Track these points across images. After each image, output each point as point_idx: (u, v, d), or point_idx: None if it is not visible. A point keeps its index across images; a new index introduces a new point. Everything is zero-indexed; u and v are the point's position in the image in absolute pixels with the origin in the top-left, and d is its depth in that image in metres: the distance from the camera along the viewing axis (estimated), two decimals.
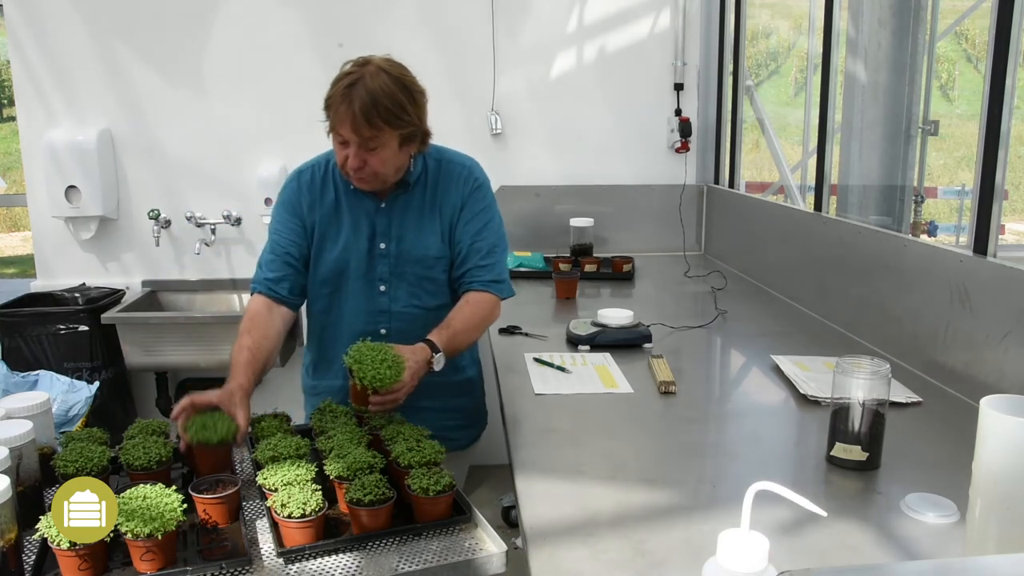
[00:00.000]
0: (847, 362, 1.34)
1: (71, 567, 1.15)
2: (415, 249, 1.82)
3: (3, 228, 9.89)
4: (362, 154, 1.67)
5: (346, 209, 1.83)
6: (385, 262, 1.82)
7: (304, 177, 1.87)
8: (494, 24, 3.35)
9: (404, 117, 1.67)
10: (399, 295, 1.83)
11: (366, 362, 1.51)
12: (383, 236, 1.82)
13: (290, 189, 1.87)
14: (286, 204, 1.86)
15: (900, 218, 3.00)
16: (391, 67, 1.70)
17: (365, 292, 1.83)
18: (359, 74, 1.65)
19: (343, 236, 1.82)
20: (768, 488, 0.80)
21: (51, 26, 3.23)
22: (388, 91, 1.64)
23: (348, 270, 1.83)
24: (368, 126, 1.63)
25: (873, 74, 2.93)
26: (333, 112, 1.66)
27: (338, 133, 1.68)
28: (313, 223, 1.83)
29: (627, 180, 3.50)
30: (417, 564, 1.21)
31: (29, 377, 2.27)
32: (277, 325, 1.79)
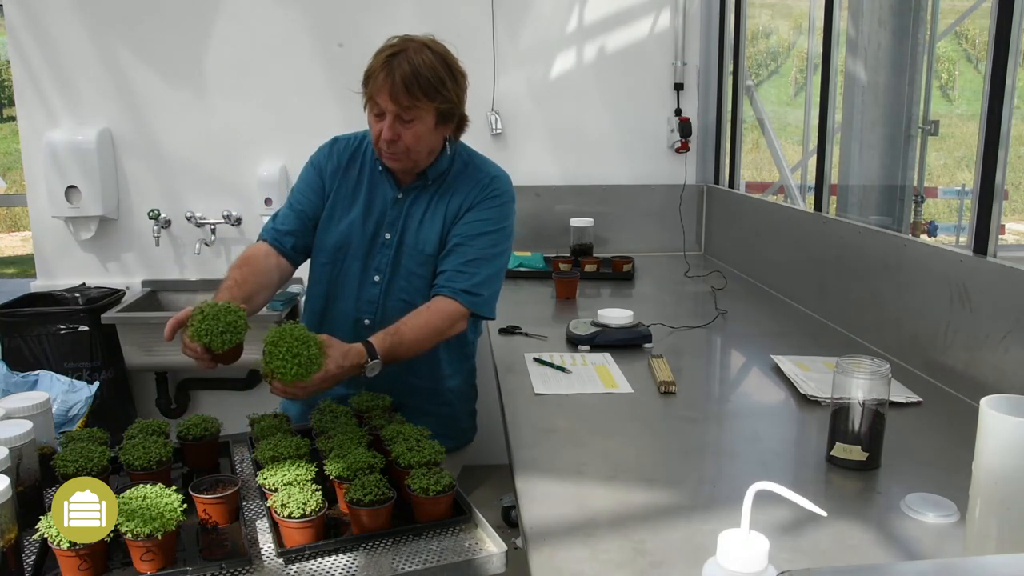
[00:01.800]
0: (847, 362, 1.34)
1: (71, 567, 1.14)
2: (414, 243, 1.80)
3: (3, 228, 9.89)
4: (397, 127, 1.67)
5: (365, 189, 1.83)
6: (386, 252, 1.81)
7: (339, 144, 1.88)
8: (494, 24, 3.35)
9: (443, 92, 1.66)
10: (392, 288, 1.81)
11: (281, 348, 1.43)
12: (390, 226, 1.81)
13: (322, 152, 1.89)
14: (314, 163, 1.87)
15: (900, 218, 3.00)
16: (435, 44, 1.70)
17: (360, 277, 1.82)
18: (402, 46, 1.66)
19: (353, 214, 1.82)
20: (768, 488, 0.80)
21: (51, 26, 3.23)
22: (430, 64, 1.64)
23: (349, 249, 1.82)
24: (407, 94, 1.62)
25: (873, 74, 2.93)
26: (372, 81, 1.65)
27: (375, 103, 1.67)
28: (331, 189, 1.84)
29: (627, 180, 3.50)
30: (417, 564, 1.21)
31: (29, 377, 2.27)
32: (271, 268, 1.78)
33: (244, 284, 1.68)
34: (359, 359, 1.56)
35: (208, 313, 1.46)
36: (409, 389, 1.80)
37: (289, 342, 1.44)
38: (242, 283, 1.68)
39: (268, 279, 1.76)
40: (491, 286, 1.79)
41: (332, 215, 1.83)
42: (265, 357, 1.45)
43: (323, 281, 1.85)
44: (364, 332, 1.75)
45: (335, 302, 1.84)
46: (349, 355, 1.54)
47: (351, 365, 1.54)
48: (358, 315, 1.82)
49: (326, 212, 1.84)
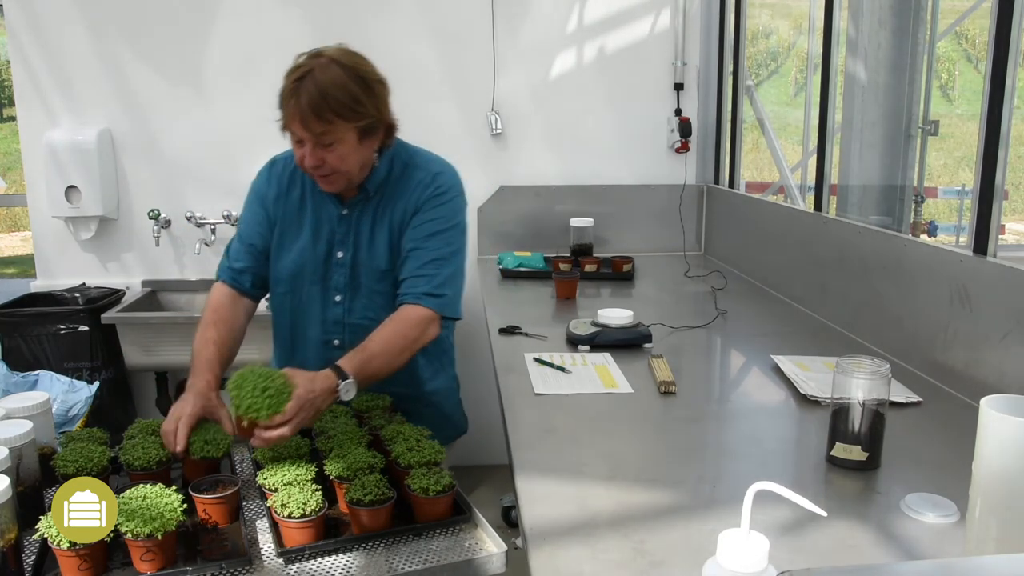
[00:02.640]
0: (847, 362, 1.34)
1: (71, 567, 1.15)
2: (367, 260, 1.75)
3: (3, 228, 9.89)
4: (318, 152, 1.60)
5: (310, 210, 1.77)
6: (342, 271, 1.76)
7: (276, 168, 1.83)
8: (494, 24, 3.34)
9: (358, 109, 1.58)
10: (355, 307, 1.77)
11: (246, 388, 1.36)
12: (341, 244, 1.75)
13: (261, 178, 1.83)
14: (255, 192, 1.82)
15: (900, 218, 3.00)
16: (344, 57, 1.60)
17: (321, 300, 1.78)
18: (309, 67, 1.57)
19: (302, 238, 1.76)
20: (768, 488, 0.80)
21: (51, 26, 3.23)
22: (339, 82, 1.55)
23: (304, 274, 1.77)
24: (319, 121, 1.54)
25: (873, 74, 2.93)
26: (284, 108, 1.59)
27: (291, 131, 1.61)
28: (276, 216, 1.78)
29: (627, 180, 3.50)
30: (417, 564, 1.21)
31: (29, 377, 2.27)
32: (242, 318, 1.76)
33: (223, 348, 1.64)
34: (329, 382, 1.47)
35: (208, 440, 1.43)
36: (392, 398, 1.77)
37: (253, 380, 1.37)
38: (222, 348, 1.64)
39: (241, 333, 1.74)
40: (453, 285, 1.73)
41: (282, 243, 1.78)
42: (234, 402, 1.38)
43: (285, 310, 1.82)
44: (336, 353, 1.69)
45: (301, 329, 1.81)
46: (317, 379, 1.46)
47: (322, 389, 1.45)
48: (326, 337, 1.79)
49: (275, 241, 1.78)
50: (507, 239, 3.42)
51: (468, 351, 3.50)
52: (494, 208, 3.42)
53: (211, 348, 1.61)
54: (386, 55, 3.31)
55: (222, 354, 1.63)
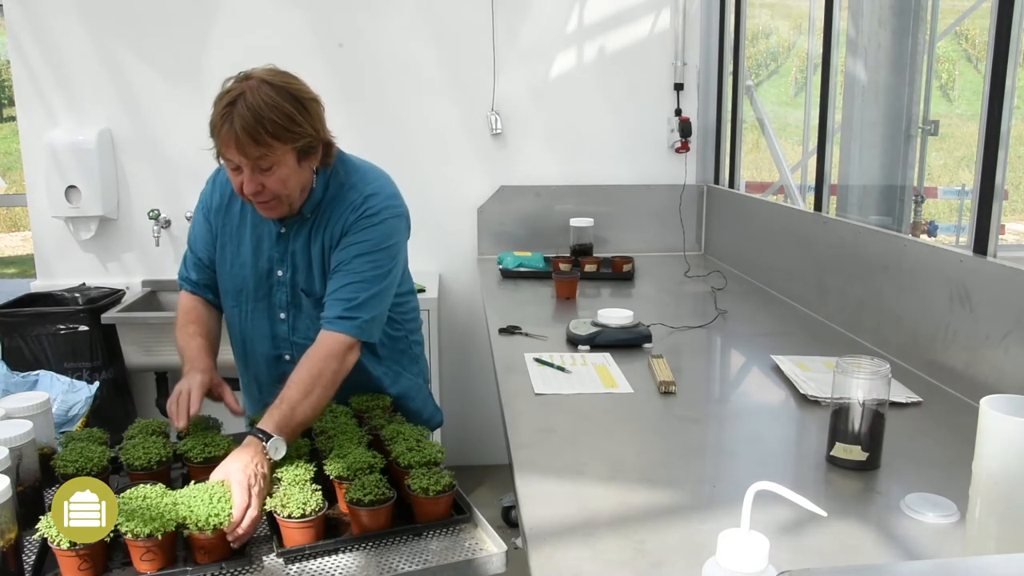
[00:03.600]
0: (847, 362, 1.34)
1: (71, 567, 1.15)
2: (305, 284, 1.71)
3: (3, 228, 9.88)
4: (257, 177, 1.52)
5: (249, 226, 1.72)
6: (283, 290, 1.73)
7: (220, 176, 1.76)
8: (494, 24, 3.34)
9: (295, 129, 1.51)
10: (299, 326, 1.74)
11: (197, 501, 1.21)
12: (280, 263, 1.71)
13: (207, 188, 1.80)
14: (201, 201, 1.80)
15: (900, 218, 2.99)
16: (275, 77, 1.54)
17: (267, 316, 1.76)
18: (239, 90, 1.51)
19: (243, 253, 1.73)
20: (768, 488, 0.80)
21: (51, 26, 3.23)
22: (272, 103, 1.49)
23: (247, 290, 1.74)
24: (255, 144, 1.47)
25: (873, 74, 2.93)
26: (217, 136, 1.51)
27: (226, 158, 1.53)
28: (218, 227, 1.75)
29: (627, 180, 3.50)
30: (417, 564, 1.21)
31: (29, 377, 2.27)
32: (214, 319, 1.79)
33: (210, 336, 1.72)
34: (255, 448, 1.35)
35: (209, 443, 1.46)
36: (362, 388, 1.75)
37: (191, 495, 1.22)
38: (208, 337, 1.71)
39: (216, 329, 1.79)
40: (372, 308, 1.62)
41: (224, 256, 1.75)
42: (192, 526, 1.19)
43: (235, 323, 1.80)
44: (287, 367, 1.68)
45: (251, 343, 1.79)
46: (243, 453, 1.34)
47: (252, 458, 1.33)
48: (276, 352, 1.77)
49: (218, 253, 1.76)
50: (507, 239, 3.42)
51: (468, 351, 3.52)
52: (494, 208, 3.42)
53: (198, 339, 1.65)
54: (386, 55, 3.35)
55: (210, 343, 1.67)
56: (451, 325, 3.50)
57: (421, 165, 3.37)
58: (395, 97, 3.35)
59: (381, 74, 3.33)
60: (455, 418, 3.46)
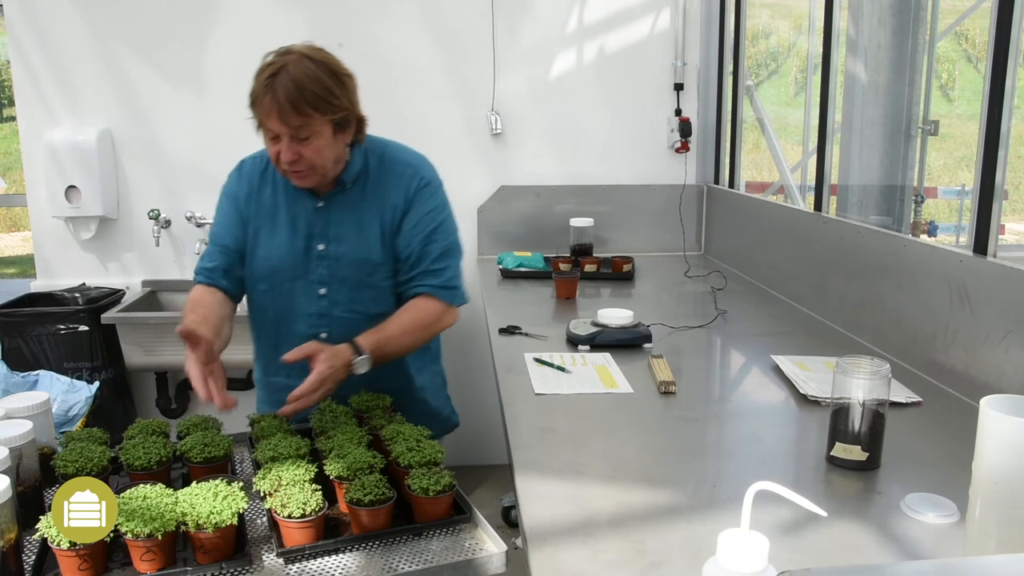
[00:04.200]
0: (847, 362, 1.34)
1: (71, 567, 1.15)
2: (355, 252, 1.76)
3: (3, 228, 9.88)
4: (294, 146, 1.62)
5: (283, 206, 1.78)
6: (323, 264, 1.77)
7: (245, 167, 1.86)
8: (494, 24, 3.34)
9: (333, 101, 1.61)
10: (339, 299, 1.78)
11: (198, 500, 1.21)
12: (320, 237, 1.77)
13: (232, 179, 1.86)
14: (226, 193, 1.85)
15: (900, 218, 3.00)
16: (314, 53, 1.64)
17: (305, 294, 1.78)
18: (281, 63, 1.59)
19: (279, 234, 1.78)
20: (768, 488, 0.80)
21: (51, 26, 3.23)
22: (313, 76, 1.59)
23: (284, 270, 1.78)
24: (296, 114, 1.57)
25: (873, 74, 2.93)
26: (258, 106, 1.60)
27: (267, 128, 1.62)
28: (249, 215, 1.80)
29: (627, 180, 3.50)
30: (417, 564, 1.21)
31: (29, 377, 2.27)
32: (221, 305, 1.76)
33: (209, 317, 1.68)
34: (346, 356, 1.58)
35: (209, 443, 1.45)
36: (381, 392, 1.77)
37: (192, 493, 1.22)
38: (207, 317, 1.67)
39: (224, 317, 1.75)
40: (459, 274, 1.84)
41: (258, 241, 1.80)
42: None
43: (268, 308, 1.82)
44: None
45: (287, 325, 1.80)
46: (337, 354, 1.58)
47: (342, 363, 1.57)
48: (312, 332, 1.79)
49: (250, 240, 1.80)
50: (507, 239, 3.42)
51: (468, 351, 3.51)
52: (494, 208, 3.42)
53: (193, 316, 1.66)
54: (386, 55, 3.35)
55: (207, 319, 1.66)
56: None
57: None
58: (395, 97, 3.35)
59: (381, 74, 3.32)
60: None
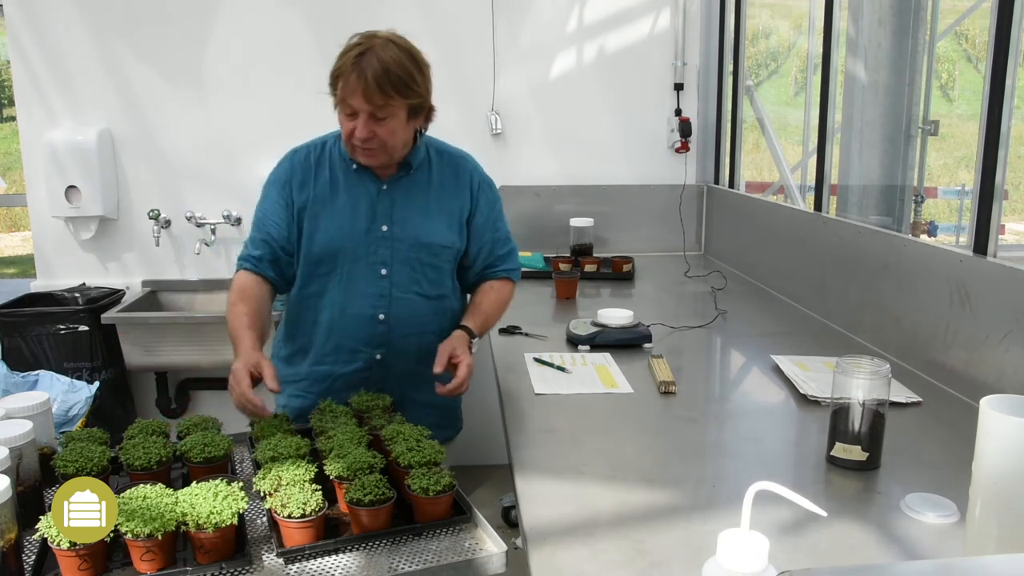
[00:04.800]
0: (847, 362, 1.34)
1: (71, 567, 1.15)
2: (422, 235, 1.81)
3: (3, 228, 9.88)
4: (371, 124, 1.67)
5: (344, 189, 1.82)
6: (386, 244, 1.81)
7: (299, 156, 1.86)
8: (494, 24, 3.35)
9: (414, 87, 1.68)
10: (401, 280, 1.82)
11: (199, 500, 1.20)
12: (384, 218, 1.81)
13: (282, 167, 1.86)
14: (275, 182, 1.85)
15: (900, 218, 2.99)
16: (399, 39, 1.72)
17: (365, 275, 1.81)
18: (368, 44, 1.67)
19: (339, 216, 1.80)
20: (768, 488, 0.80)
21: (51, 26, 3.23)
22: (398, 60, 1.65)
23: (344, 251, 1.81)
24: (380, 94, 1.63)
25: (873, 74, 2.93)
26: (343, 82, 1.66)
27: (348, 104, 1.67)
28: (304, 202, 1.81)
29: (627, 180, 3.50)
30: (417, 564, 1.21)
31: (29, 377, 2.27)
32: (267, 296, 1.80)
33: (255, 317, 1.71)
34: (468, 340, 1.77)
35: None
36: (422, 381, 1.79)
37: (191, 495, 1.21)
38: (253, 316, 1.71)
39: (269, 310, 1.81)
40: (518, 254, 2.04)
41: (316, 224, 1.81)
42: None
43: (327, 291, 1.83)
44: (380, 327, 1.82)
45: (349, 305, 1.82)
46: (464, 342, 1.75)
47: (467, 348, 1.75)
48: (373, 312, 1.82)
49: (308, 224, 1.81)
50: None
51: None
52: None
53: (244, 319, 1.68)
54: None
55: (255, 322, 1.69)
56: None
57: None
58: None
59: None
60: None
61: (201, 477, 1.34)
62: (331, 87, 1.70)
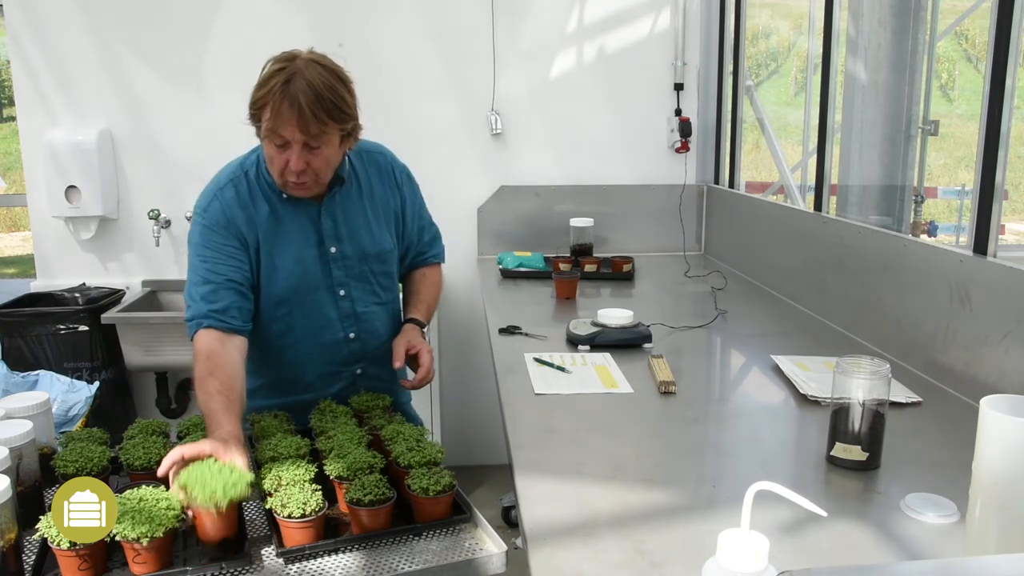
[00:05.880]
0: (847, 362, 1.34)
1: (71, 567, 1.15)
2: (371, 246, 1.78)
3: (3, 228, 9.88)
4: (304, 155, 1.57)
5: (286, 219, 1.71)
6: (339, 265, 1.75)
7: (227, 194, 1.70)
8: (494, 24, 3.34)
9: (347, 110, 1.59)
10: (360, 296, 1.79)
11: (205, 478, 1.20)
12: (331, 239, 1.74)
13: (214, 211, 1.68)
14: (214, 227, 1.66)
15: (900, 218, 3.00)
16: (320, 58, 1.60)
17: (327, 300, 1.76)
18: (292, 68, 1.53)
19: (291, 251, 1.70)
20: (768, 488, 0.80)
21: (51, 26, 3.23)
22: (328, 84, 1.54)
23: (307, 282, 1.73)
24: (316, 122, 1.53)
25: (873, 74, 2.93)
26: (272, 112, 1.52)
27: (278, 135, 1.55)
28: (256, 240, 1.68)
29: (627, 180, 3.50)
30: (417, 564, 1.21)
31: (29, 377, 2.28)
32: (237, 360, 1.59)
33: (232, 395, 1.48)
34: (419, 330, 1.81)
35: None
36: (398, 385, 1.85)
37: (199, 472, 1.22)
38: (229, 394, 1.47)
39: (242, 375, 1.58)
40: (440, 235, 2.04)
41: (273, 263, 1.69)
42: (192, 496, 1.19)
43: (294, 327, 1.75)
44: (352, 345, 1.80)
45: (319, 334, 1.77)
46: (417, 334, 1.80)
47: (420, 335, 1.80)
48: (343, 334, 1.79)
49: (265, 264, 1.69)
50: (507, 239, 3.42)
51: (468, 351, 3.52)
52: (494, 208, 3.42)
53: (218, 399, 1.45)
54: (386, 55, 3.35)
55: (232, 401, 1.47)
56: (451, 325, 3.50)
57: (421, 165, 3.32)
58: (395, 97, 3.35)
59: (381, 74, 3.33)
60: (455, 418, 3.46)
61: None
62: (252, 118, 1.58)
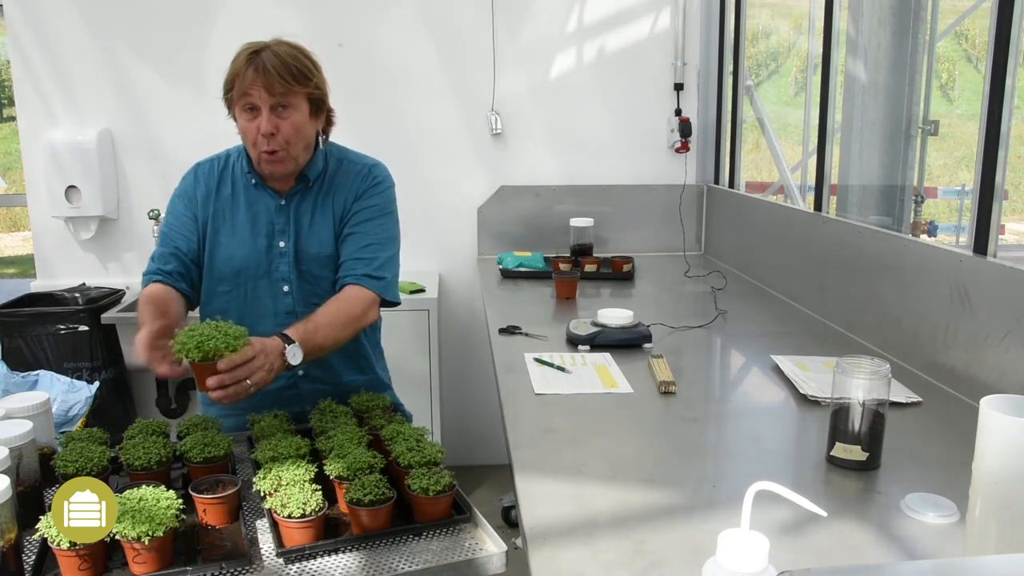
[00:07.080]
0: (847, 362, 1.34)
1: (71, 567, 1.15)
2: (311, 247, 1.79)
3: (3, 228, 9.88)
4: (273, 119, 1.67)
5: (244, 205, 1.80)
6: (286, 261, 1.79)
7: (202, 169, 1.86)
8: (494, 24, 3.35)
9: (312, 77, 1.70)
10: (302, 295, 1.79)
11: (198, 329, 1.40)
12: (281, 234, 1.79)
13: (187, 180, 1.85)
14: (181, 195, 1.83)
15: (900, 218, 2.99)
16: (290, 40, 1.75)
17: (269, 293, 1.79)
18: (261, 45, 1.70)
19: (239, 232, 1.79)
20: (768, 488, 0.80)
21: (51, 26, 3.23)
22: (293, 55, 1.69)
23: (246, 269, 1.78)
24: (281, 81, 1.64)
25: (873, 74, 2.93)
26: (240, 80, 1.67)
27: (247, 98, 1.67)
28: (207, 216, 1.79)
29: (627, 180, 3.50)
30: (417, 564, 1.21)
31: (29, 377, 2.27)
32: (180, 303, 1.73)
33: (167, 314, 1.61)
34: (278, 345, 1.50)
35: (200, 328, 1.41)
36: (351, 387, 1.79)
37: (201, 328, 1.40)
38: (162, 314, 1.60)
39: (183, 310, 1.74)
40: (391, 269, 1.79)
41: (217, 240, 1.79)
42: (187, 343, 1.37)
43: (232, 310, 1.78)
44: None
45: (253, 325, 1.70)
46: (268, 343, 1.49)
47: (273, 349, 1.48)
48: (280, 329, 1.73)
49: (209, 240, 1.79)
50: (507, 239, 3.42)
51: (468, 351, 3.52)
52: (494, 208, 3.42)
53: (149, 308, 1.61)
54: (386, 55, 3.35)
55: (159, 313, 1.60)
56: (451, 325, 3.50)
57: (421, 165, 3.37)
58: (395, 97, 3.35)
59: (381, 74, 3.33)
60: (455, 418, 3.46)
61: (200, 477, 1.35)
62: (225, 96, 1.72)
